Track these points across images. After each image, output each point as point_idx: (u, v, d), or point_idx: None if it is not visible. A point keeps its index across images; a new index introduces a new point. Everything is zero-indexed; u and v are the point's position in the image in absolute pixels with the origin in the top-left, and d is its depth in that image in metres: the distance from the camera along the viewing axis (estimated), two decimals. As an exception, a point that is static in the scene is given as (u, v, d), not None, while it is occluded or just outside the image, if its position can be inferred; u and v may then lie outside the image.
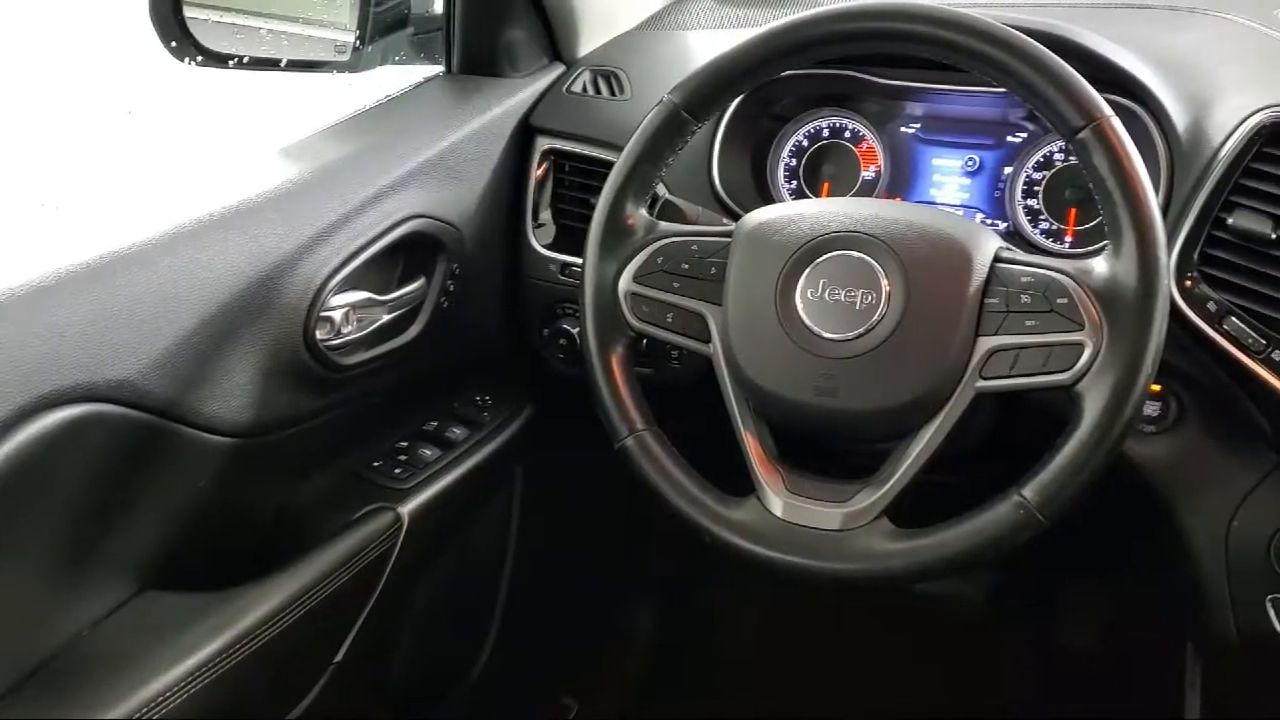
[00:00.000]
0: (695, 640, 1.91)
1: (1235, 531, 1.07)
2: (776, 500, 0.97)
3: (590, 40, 1.47)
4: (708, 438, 1.03)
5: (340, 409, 1.22)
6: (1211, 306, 1.02)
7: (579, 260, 1.08)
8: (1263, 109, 1.02)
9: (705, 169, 1.27)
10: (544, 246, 1.36)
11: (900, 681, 1.76)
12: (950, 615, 1.80)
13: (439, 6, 1.42)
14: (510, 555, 1.63)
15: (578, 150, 1.35)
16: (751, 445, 0.99)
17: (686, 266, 1.03)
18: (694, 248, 1.03)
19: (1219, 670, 1.20)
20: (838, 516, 0.95)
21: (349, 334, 1.17)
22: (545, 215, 1.38)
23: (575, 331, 1.34)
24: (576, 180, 1.36)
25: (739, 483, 0.99)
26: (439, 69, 1.44)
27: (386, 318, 1.22)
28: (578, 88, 1.39)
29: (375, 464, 1.33)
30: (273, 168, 1.17)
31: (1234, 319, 1.02)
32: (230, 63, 1.22)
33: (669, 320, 1.02)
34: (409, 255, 1.25)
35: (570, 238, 1.35)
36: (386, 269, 1.23)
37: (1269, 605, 1.06)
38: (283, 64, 1.28)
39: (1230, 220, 1.02)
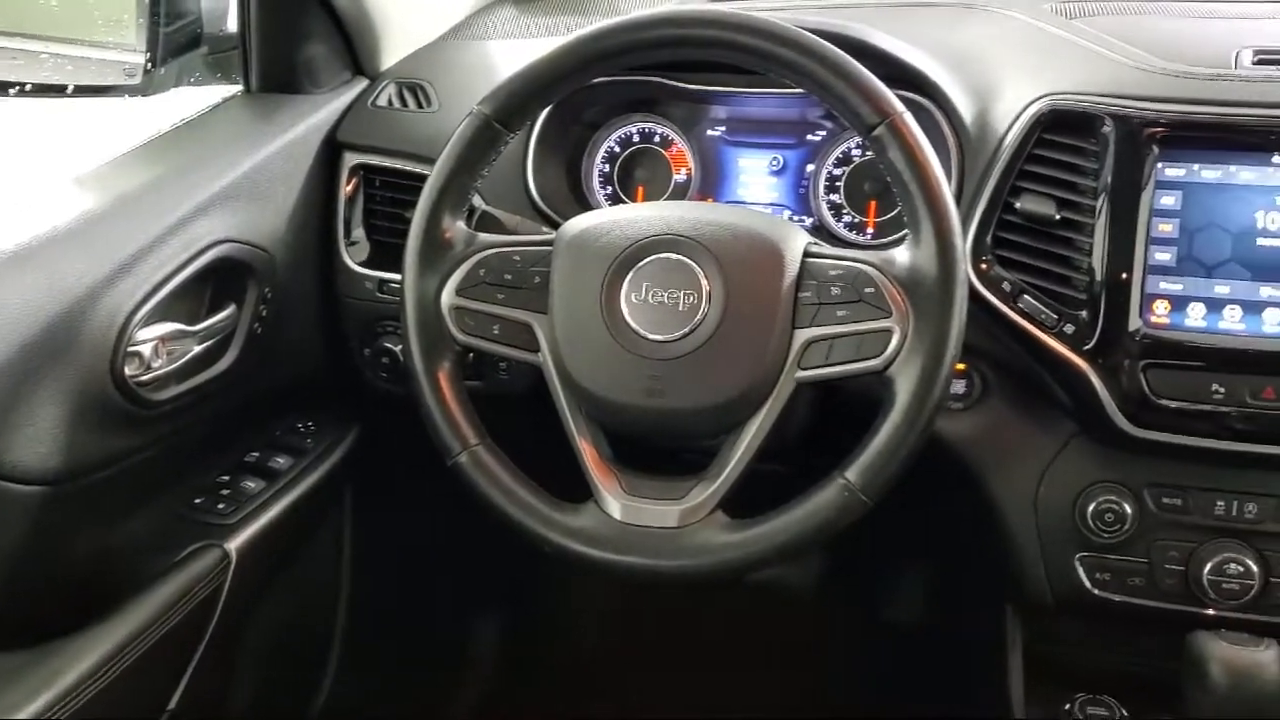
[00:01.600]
0: (542, 648, 1.91)
1: (1042, 497, 1.14)
2: (614, 503, 0.98)
3: (393, 53, 1.45)
4: (543, 447, 1.03)
5: (155, 446, 1.17)
6: (1006, 287, 1.09)
7: (397, 277, 1.06)
8: (1040, 98, 1.09)
9: (521, 178, 1.28)
10: (359, 264, 1.34)
11: (741, 669, 1.80)
12: (783, 602, 1.85)
13: (234, 25, 1.37)
14: (346, 581, 1.59)
15: (387, 164, 1.33)
16: (586, 451, 1.00)
17: (509, 277, 1.02)
18: (516, 258, 1.03)
19: (1038, 630, 1.27)
20: (675, 514, 0.97)
21: (159, 368, 1.13)
22: (358, 233, 1.36)
23: (398, 349, 1.32)
24: (388, 195, 1.34)
25: (577, 489, 1.00)
26: (238, 88, 1.39)
27: (198, 348, 1.18)
28: (383, 101, 1.37)
29: (197, 501, 1.29)
30: (67, 199, 1.11)
31: (1027, 297, 1.08)
32: (11, 91, 1.15)
33: (495, 332, 1.02)
34: (218, 282, 1.21)
35: (386, 254, 1.33)
36: (195, 298, 1.19)
37: (1078, 564, 1.14)
38: (69, 90, 1.22)
39: (1018, 204, 1.08)
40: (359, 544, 1.59)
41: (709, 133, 1.32)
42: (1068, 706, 1.21)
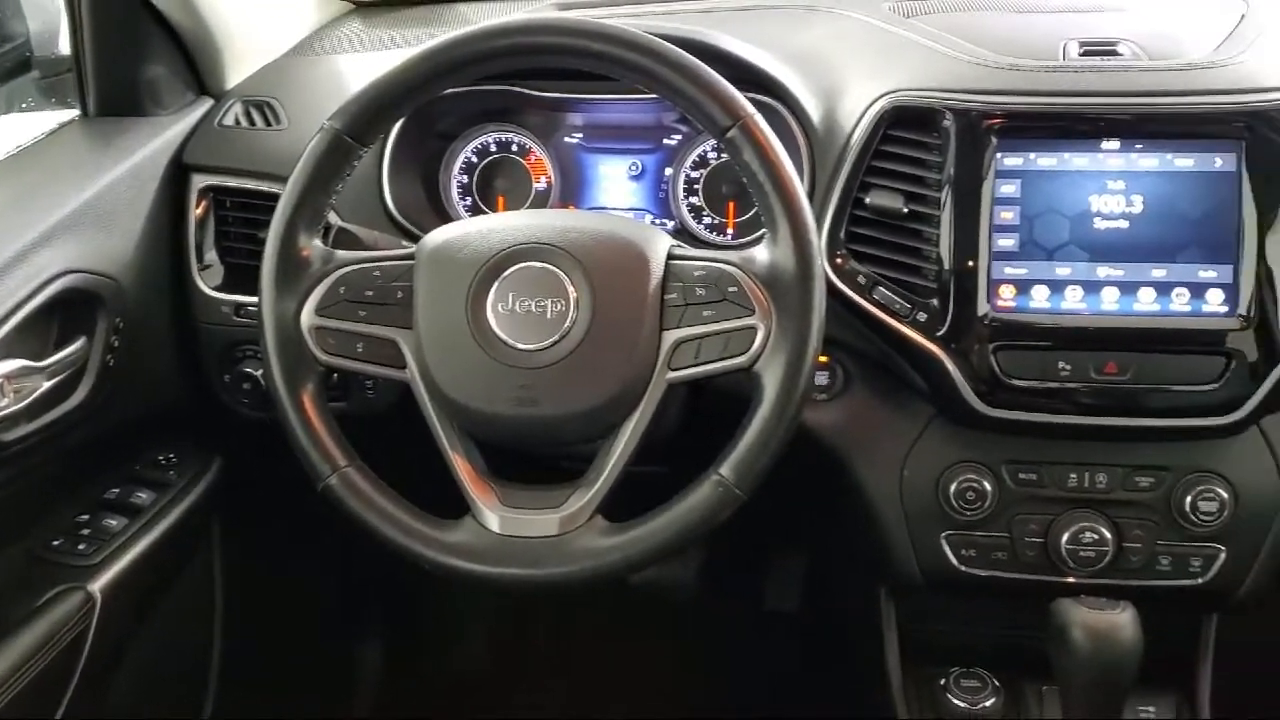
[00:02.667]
0: (426, 664, 1.89)
1: (907, 480, 1.18)
2: (492, 516, 0.98)
3: (237, 71, 1.41)
4: (415, 464, 1.02)
5: (7, 489, 1.12)
6: (861, 279, 1.12)
7: (254, 300, 1.04)
8: (883, 95, 1.13)
9: (377, 193, 1.26)
10: (213, 289, 1.30)
11: (628, 672, 1.81)
12: (666, 601, 1.87)
13: (66, 47, 1.32)
14: (220, 612, 1.54)
15: (238, 185, 1.30)
16: (461, 465, 0.99)
17: (371, 294, 1.01)
18: (376, 274, 1.02)
19: (911, 609, 1.31)
20: (554, 522, 0.97)
21: (6, 407, 1.08)
22: (211, 256, 1.32)
23: (259, 374, 1.29)
24: (240, 216, 1.31)
25: (454, 506, 0.99)
26: (75, 113, 1.34)
27: (47, 385, 1.13)
28: (230, 120, 1.34)
29: (56, 542, 1.23)
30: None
31: (881, 288, 1.12)
32: None
33: (359, 350, 1.01)
34: (65, 315, 1.16)
35: (241, 277, 1.30)
36: (41, 332, 1.14)
37: (944, 542, 1.18)
38: (-113, 120, 1.16)
39: (868, 200, 1.12)
40: (231, 574, 1.55)
41: (566, 140, 1.33)
42: (943, 681, 1.25)
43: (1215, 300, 1.07)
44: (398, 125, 1.26)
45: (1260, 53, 1.13)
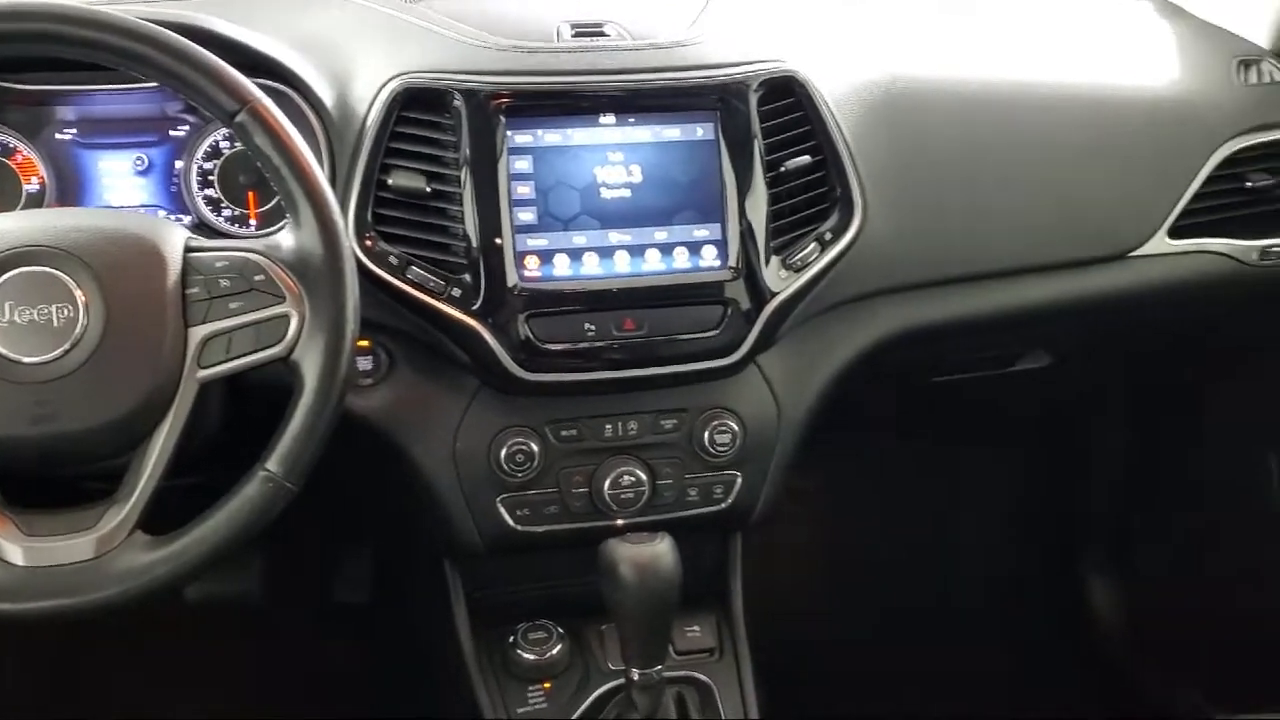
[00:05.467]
0: None
1: (459, 451, 1.21)
2: (15, 549, 0.90)
3: None
4: None
5: None
6: (394, 260, 1.14)
7: None
8: (394, 78, 1.15)
9: None
10: None
11: (199, 687, 1.73)
12: (231, 612, 1.79)
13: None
14: None
15: None
16: None
17: None
18: None
19: (478, 577, 1.35)
20: (89, 544, 0.92)
21: None
22: None
23: None
24: None
25: None
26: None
27: None
28: None
29: None
30: None
31: (415, 268, 1.14)
32: None
33: None
34: None
35: None
36: None
37: (500, 506, 1.23)
38: None
39: (390, 181, 1.14)
40: None
41: (58, 136, 1.23)
42: (511, 639, 1.30)
43: (710, 256, 1.19)
44: None
45: (726, 31, 1.27)
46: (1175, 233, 1.43)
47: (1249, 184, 1.46)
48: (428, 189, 1.14)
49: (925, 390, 1.69)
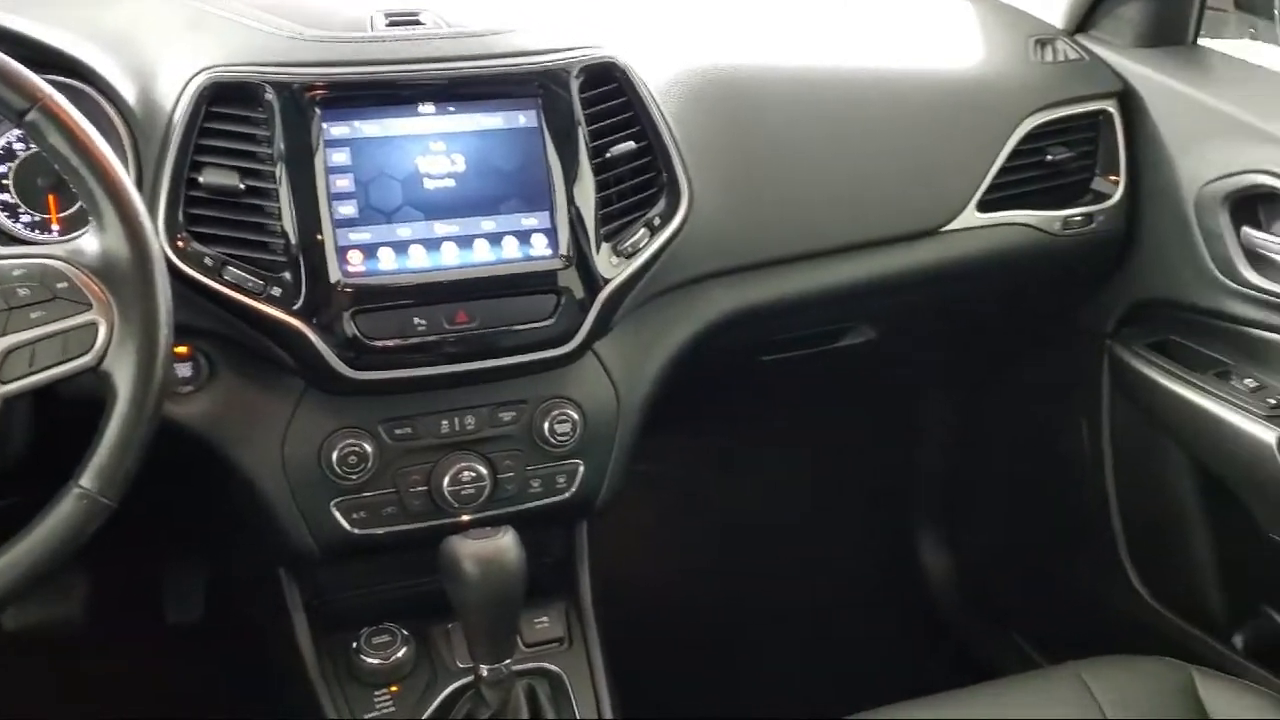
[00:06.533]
0: None
1: (288, 456, 1.18)
2: None
3: None
4: None
5: None
6: (209, 261, 1.09)
7: None
8: (200, 72, 1.11)
9: None
10: None
11: None
12: (50, 640, 1.70)
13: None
14: None
15: None
16: None
17: None
18: None
19: (315, 585, 1.31)
20: None
21: None
22: None
23: None
24: None
25: None
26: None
27: None
28: None
29: None
30: None
31: (231, 268, 1.10)
32: None
33: None
34: None
35: None
36: None
37: (334, 510, 1.19)
38: None
39: (202, 179, 1.09)
40: None
41: None
42: (355, 644, 1.27)
43: (540, 245, 1.19)
44: None
45: (545, 19, 1.27)
46: (984, 206, 1.49)
47: (1049, 157, 1.53)
48: (242, 186, 1.10)
49: (762, 370, 1.72)
